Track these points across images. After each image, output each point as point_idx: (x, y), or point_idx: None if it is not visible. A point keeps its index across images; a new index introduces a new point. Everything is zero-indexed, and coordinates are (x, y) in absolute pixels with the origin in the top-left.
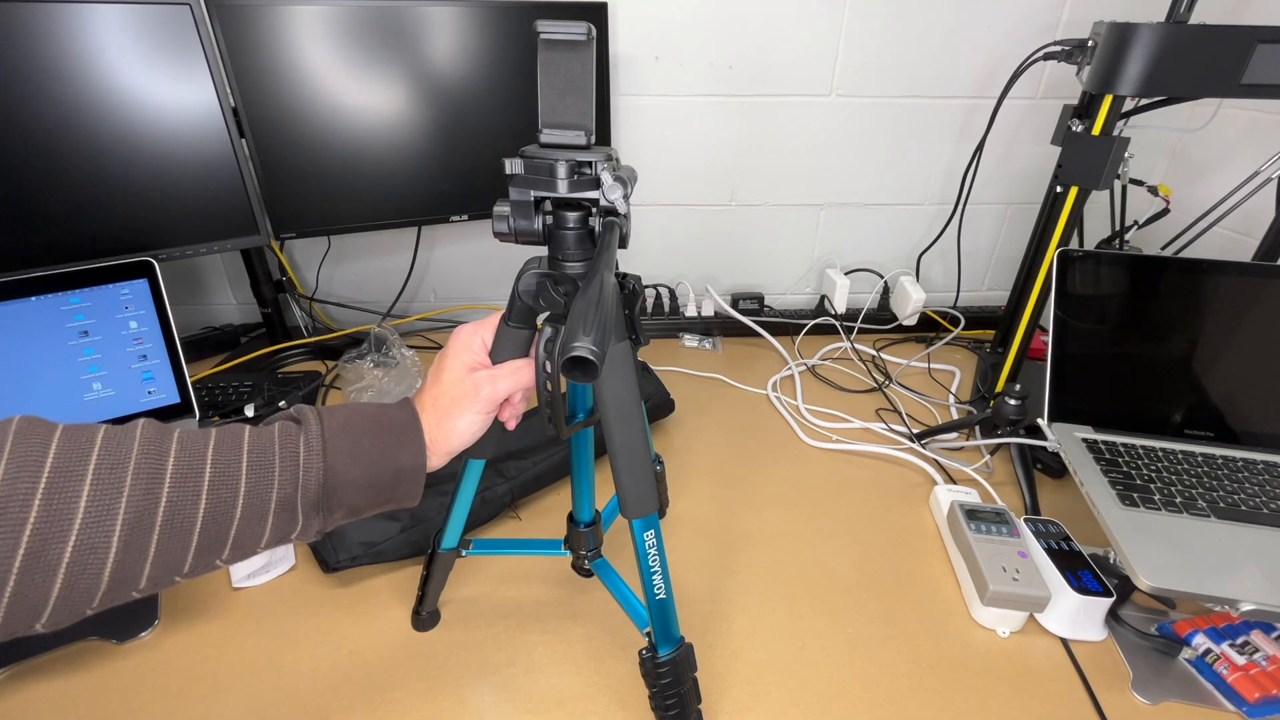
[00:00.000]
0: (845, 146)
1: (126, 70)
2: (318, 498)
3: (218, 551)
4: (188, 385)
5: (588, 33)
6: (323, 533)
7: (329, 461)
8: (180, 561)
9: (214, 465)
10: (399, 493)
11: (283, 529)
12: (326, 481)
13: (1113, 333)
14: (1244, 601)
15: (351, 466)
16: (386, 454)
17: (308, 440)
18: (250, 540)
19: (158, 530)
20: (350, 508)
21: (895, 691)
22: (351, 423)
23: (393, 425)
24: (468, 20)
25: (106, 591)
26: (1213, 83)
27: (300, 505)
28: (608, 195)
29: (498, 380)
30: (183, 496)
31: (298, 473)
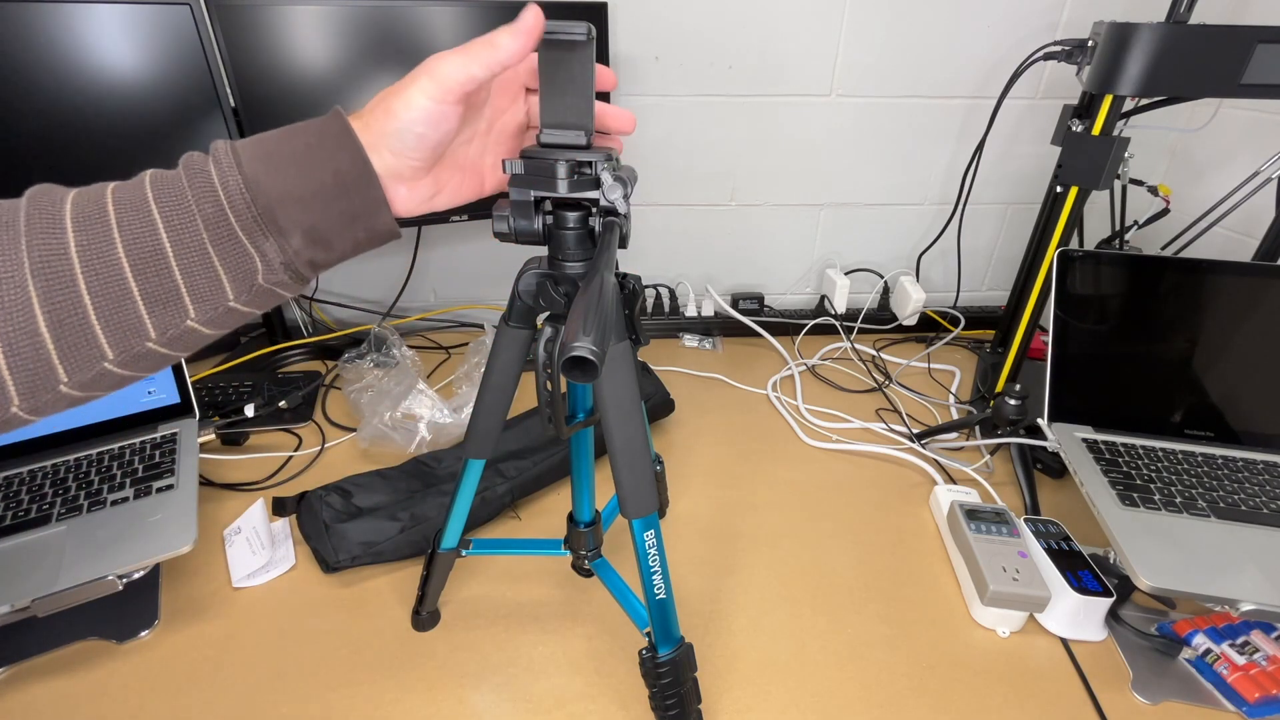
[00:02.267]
0: (845, 146)
1: (127, 70)
2: (252, 216)
3: (177, 304)
4: (188, 385)
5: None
6: (295, 270)
7: (246, 173)
8: (137, 320)
9: (117, 203)
10: (357, 202)
11: (238, 264)
12: (254, 195)
13: (1113, 333)
14: (1244, 601)
15: (275, 175)
16: (312, 155)
17: (215, 157)
18: (209, 285)
19: (81, 280)
20: (308, 228)
21: (895, 691)
22: (263, 138)
23: (310, 127)
24: (468, 20)
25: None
26: (1213, 83)
27: (238, 228)
28: (608, 195)
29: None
30: (91, 239)
31: (214, 190)
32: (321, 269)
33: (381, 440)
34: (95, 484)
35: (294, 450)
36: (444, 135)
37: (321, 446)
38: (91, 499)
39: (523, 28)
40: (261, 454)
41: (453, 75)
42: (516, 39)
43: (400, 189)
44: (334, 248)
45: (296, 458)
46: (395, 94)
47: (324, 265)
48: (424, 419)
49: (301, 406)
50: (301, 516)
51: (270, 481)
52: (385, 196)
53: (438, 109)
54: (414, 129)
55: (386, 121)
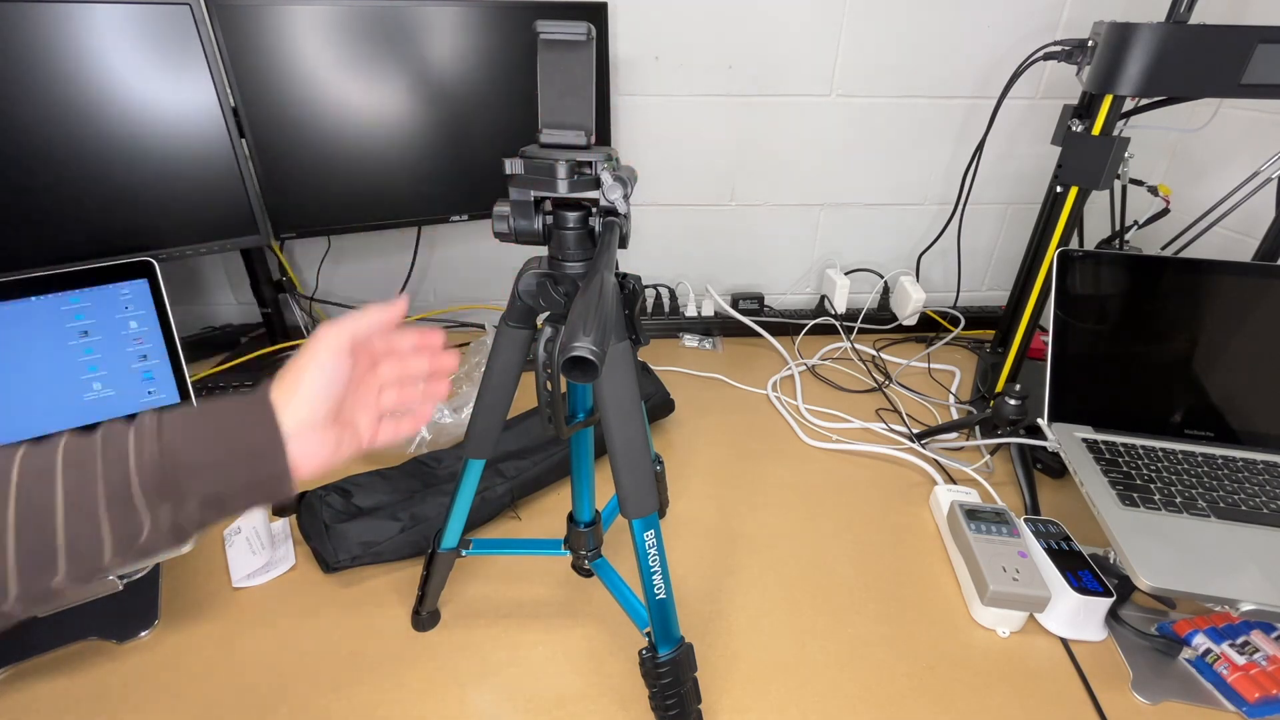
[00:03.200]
0: (845, 146)
1: (126, 70)
2: (157, 484)
3: (48, 567)
4: (188, 385)
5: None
6: (181, 531)
7: (165, 441)
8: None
9: (22, 467)
10: (261, 471)
11: (126, 527)
12: (165, 463)
13: (1113, 333)
14: (1244, 601)
15: (193, 446)
16: (234, 429)
17: (139, 426)
18: (88, 547)
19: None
20: (206, 496)
21: (895, 691)
22: (190, 409)
23: (237, 402)
24: (468, 20)
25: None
26: (1213, 83)
27: (139, 492)
28: (608, 195)
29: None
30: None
31: (126, 459)
32: (208, 527)
33: None
34: None
35: None
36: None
37: None
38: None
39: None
40: None
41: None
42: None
43: (305, 445)
44: (227, 509)
45: None
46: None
47: (211, 525)
48: None
49: None
50: (301, 516)
51: None
52: (289, 468)
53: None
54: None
55: (300, 378)
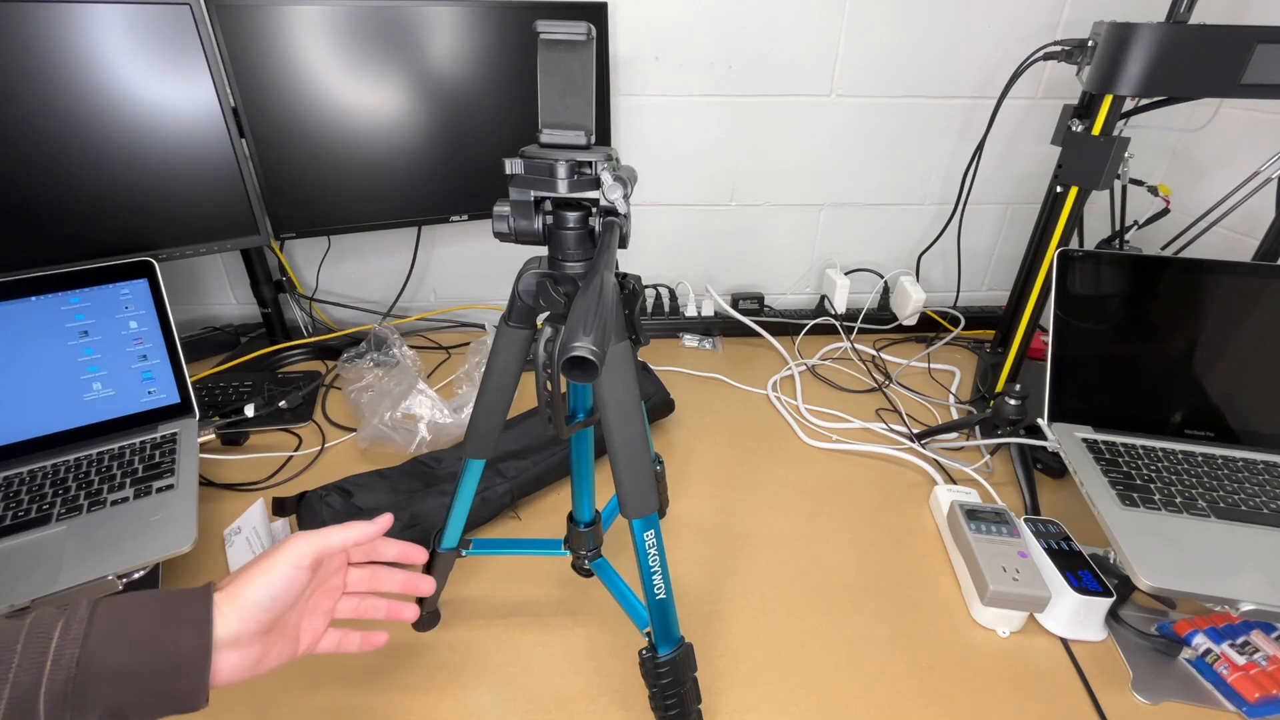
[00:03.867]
0: (845, 146)
1: (126, 70)
2: (66, 692)
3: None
4: (188, 385)
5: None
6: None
7: (88, 646)
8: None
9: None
10: (177, 685)
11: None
12: (80, 671)
13: (1113, 333)
14: (1244, 601)
15: (115, 650)
16: (163, 633)
17: (67, 622)
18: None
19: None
20: (114, 705)
21: (895, 691)
22: (126, 602)
23: (176, 597)
24: (468, 20)
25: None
26: (1213, 83)
27: (42, 702)
28: (608, 195)
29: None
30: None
31: (44, 660)
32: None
33: (381, 440)
34: (95, 484)
35: (294, 450)
36: (292, 596)
37: (321, 446)
38: (91, 499)
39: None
40: (261, 454)
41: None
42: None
43: (232, 656)
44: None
45: (296, 458)
46: (262, 562)
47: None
48: (424, 419)
49: (301, 406)
50: (301, 516)
51: (270, 481)
52: (207, 684)
53: (296, 573)
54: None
55: (247, 588)
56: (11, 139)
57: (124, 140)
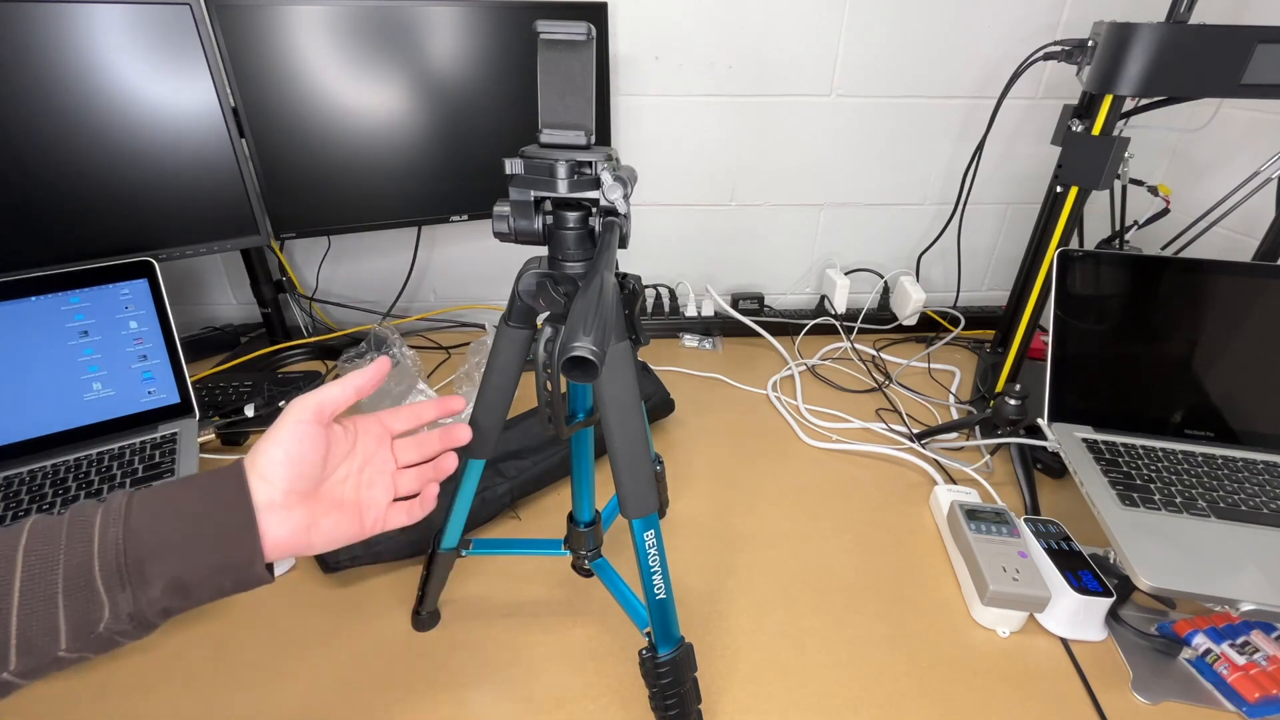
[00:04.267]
0: (845, 146)
1: (126, 70)
2: (120, 565)
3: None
4: (188, 385)
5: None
6: (143, 621)
7: (132, 524)
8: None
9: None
10: (232, 556)
11: (85, 613)
12: (128, 546)
13: (1113, 333)
14: (1244, 601)
15: (160, 526)
16: (204, 507)
17: (107, 507)
18: (41, 635)
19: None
20: (172, 579)
21: (895, 691)
22: (163, 486)
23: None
24: (468, 20)
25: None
26: (1213, 83)
27: (99, 575)
28: (608, 195)
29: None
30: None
31: (91, 537)
32: (174, 615)
33: None
34: (95, 484)
35: None
36: (312, 455)
37: None
38: (92, 499)
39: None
40: None
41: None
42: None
43: (272, 519)
44: (193, 596)
45: None
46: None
47: (177, 612)
48: None
49: None
50: None
51: None
52: (262, 548)
53: (306, 428)
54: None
55: (259, 454)
56: (12, 139)
57: (124, 140)
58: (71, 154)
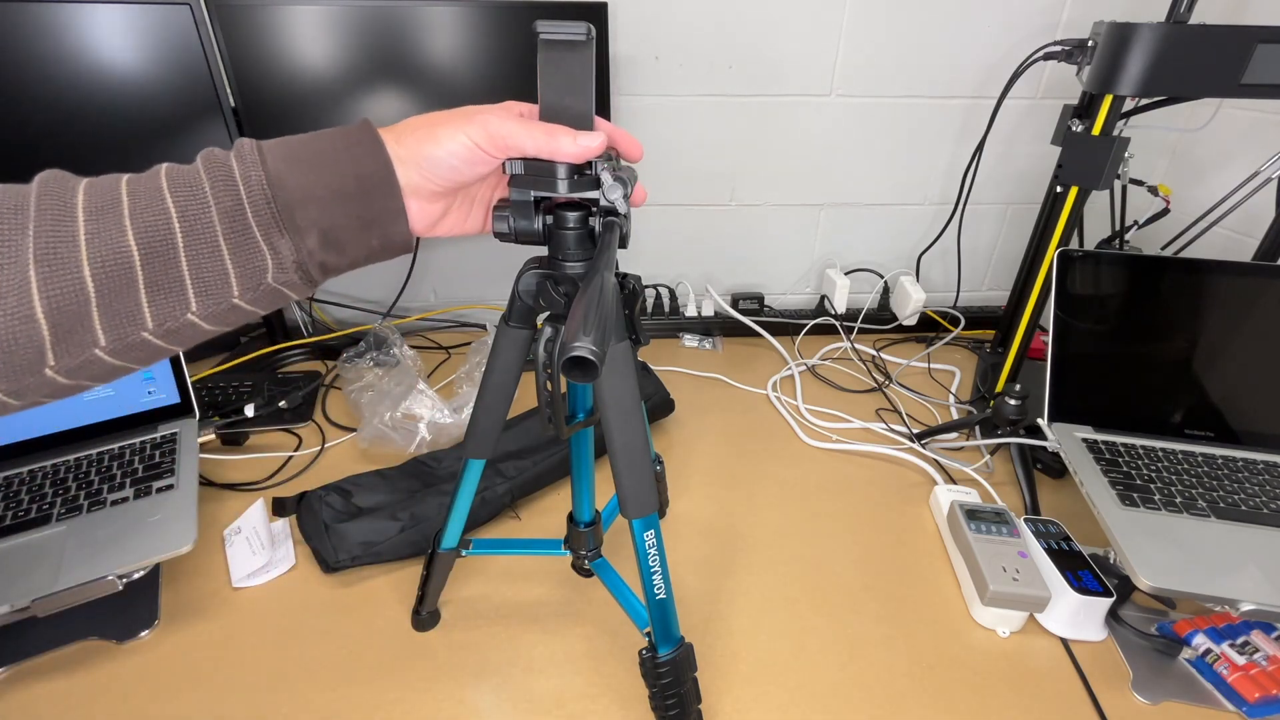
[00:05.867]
0: (845, 146)
1: (126, 70)
2: (271, 213)
3: (179, 295)
4: (188, 385)
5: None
6: (305, 271)
7: (270, 169)
8: (135, 308)
9: (131, 194)
10: (375, 208)
11: (249, 260)
12: (275, 192)
13: (1113, 333)
14: (1244, 601)
15: (299, 173)
16: (338, 158)
17: (240, 153)
18: (216, 279)
19: (86, 267)
20: (324, 230)
21: (895, 691)
22: (288, 139)
23: (337, 132)
24: (468, 20)
25: (56, 341)
26: (1213, 83)
27: (254, 223)
28: (608, 195)
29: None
30: (102, 227)
31: (235, 183)
32: (332, 273)
33: (381, 440)
34: (95, 484)
35: (294, 450)
36: (474, 176)
37: (321, 446)
38: (91, 499)
39: (588, 144)
40: (261, 454)
41: (505, 137)
42: (577, 150)
43: (413, 204)
44: (347, 252)
45: (296, 458)
46: (443, 124)
47: (334, 270)
48: (424, 419)
49: (301, 406)
50: (301, 516)
51: (270, 481)
52: (404, 206)
53: (480, 155)
54: (451, 160)
55: (425, 144)
56: (12, 139)
57: (124, 140)
58: (71, 154)
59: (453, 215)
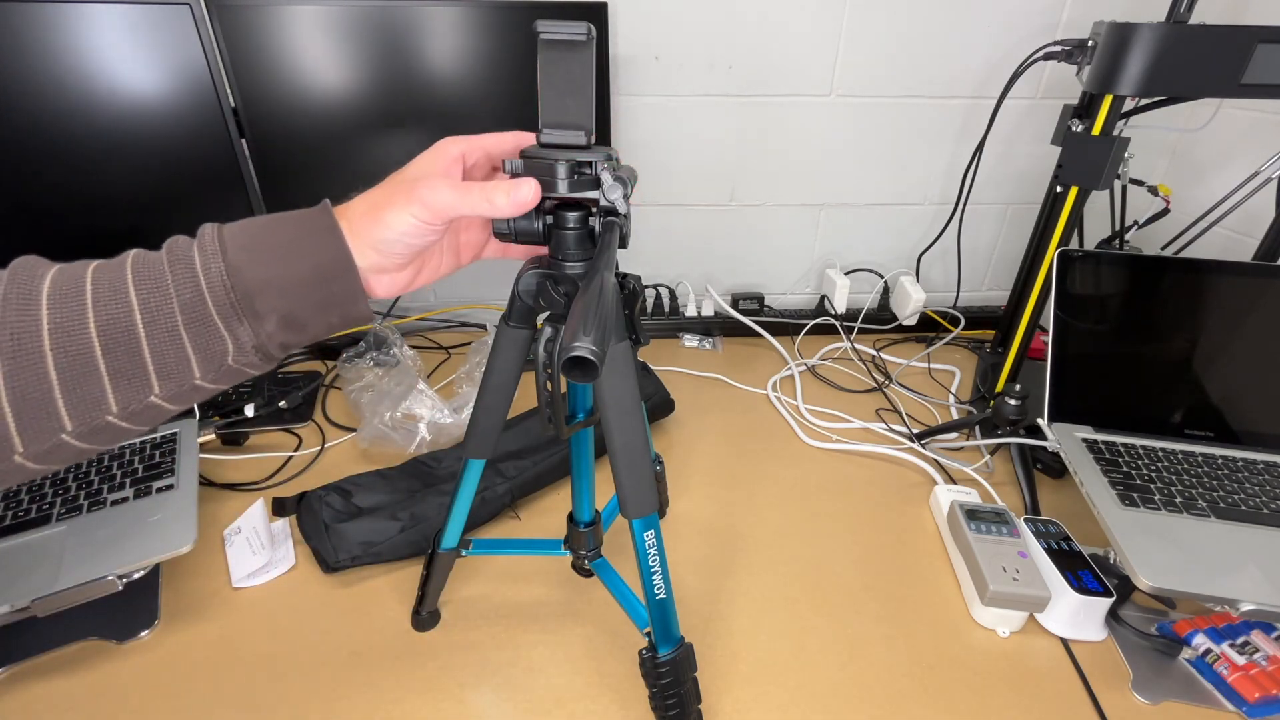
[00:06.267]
0: (845, 146)
1: (126, 70)
2: (230, 302)
3: (142, 380)
4: None
5: (588, 33)
6: (266, 353)
7: (230, 260)
8: (100, 394)
9: (95, 284)
10: (335, 291)
11: (209, 345)
12: (234, 281)
13: (1113, 333)
14: (1244, 601)
15: (257, 263)
16: (297, 246)
17: (201, 243)
18: (177, 366)
19: (49, 356)
20: (284, 314)
21: (895, 691)
22: (248, 225)
23: (298, 219)
24: (468, 20)
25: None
26: (1213, 83)
27: (215, 312)
28: (608, 195)
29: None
30: (65, 317)
31: (195, 275)
32: (292, 349)
33: (381, 440)
34: (95, 484)
35: (294, 450)
36: (428, 244)
37: (321, 446)
38: (91, 499)
39: (518, 199)
40: (261, 454)
41: (444, 207)
42: (513, 206)
43: (382, 279)
44: (307, 330)
45: (296, 458)
46: (385, 206)
47: (295, 346)
48: (424, 419)
49: (301, 406)
50: (301, 516)
51: (270, 481)
52: (363, 287)
53: (427, 228)
54: (403, 239)
55: (374, 229)
56: (11, 139)
57: (124, 140)
58: (71, 154)
59: (426, 270)
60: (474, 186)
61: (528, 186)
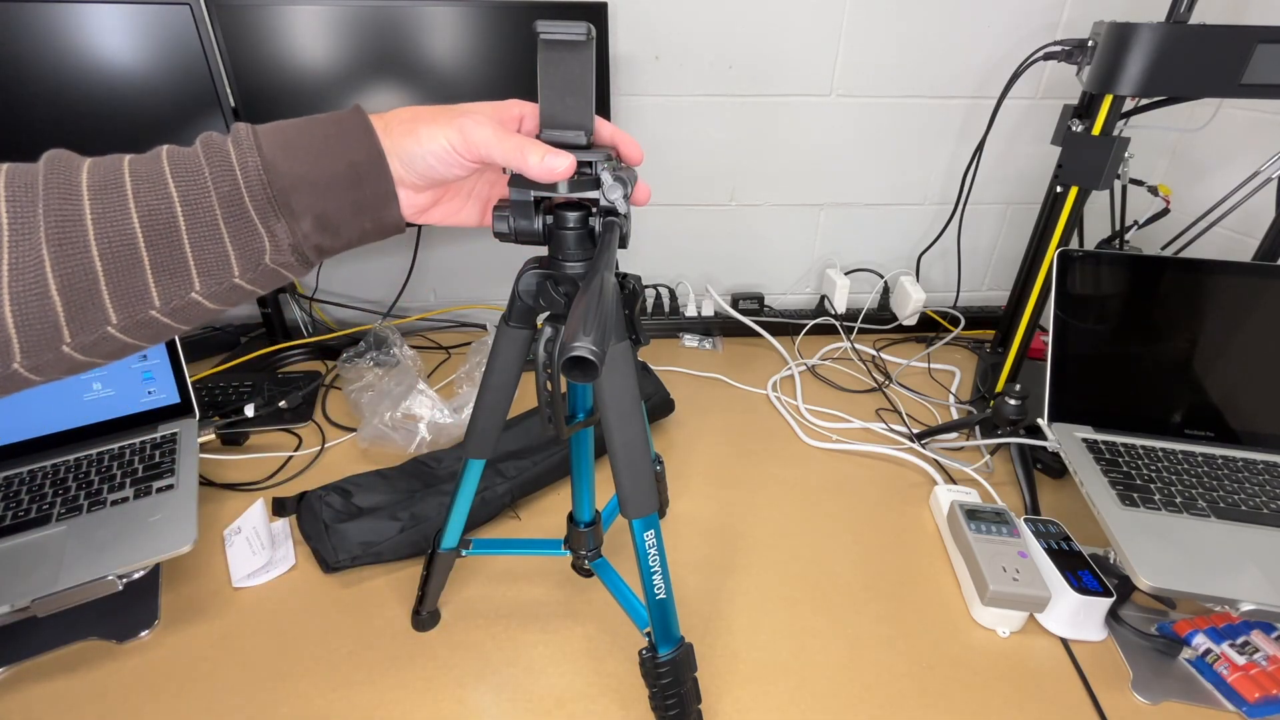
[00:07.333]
0: (845, 146)
1: (126, 70)
2: (267, 198)
3: (184, 275)
4: (188, 385)
5: (588, 33)
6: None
7: (265, 156)
8: (143, 288)
9: (134, 175)
10: (368, 193)
11: (247, 243)
12: (270, 178)
13: (1113, 333)
14: (1244, 601)
15: (293, 160)
16: (330, 145)
17: (236, 139)
18: (217, 262)
19: (94, 246)
20: (318, 215)
21: (895, 691)
22: (282, 125)
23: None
24: (468, 20)
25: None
26: (1213, 83)
27: (251, 208)
28: (608, 195)
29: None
30: (107, 208)
31: (232, 169)
32: (327, 255)
33: (381, 440)
34: (95, 484)
35: (294, 450)
36: (452, 176)
37: (321, 446)
38: (91, 499)
39: (552, 167)
40: (261, 454)
41: (480, 145)
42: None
43: (400, 191)
44: (341, 235)
45: (296, 458)
46: (426, 122)
47: (330, 251)
48: (424, 419)
49: (301, 406)
50: (301, 516)
51: (270, 481)
52: (395, 191)
53: (455, 158)
54: (428, 159)
55: (407, 140)
56: (11, 139)
57: (123, 141)
58: None
59: (442, 207)
60: (515, 136)
61: (564, 159)
